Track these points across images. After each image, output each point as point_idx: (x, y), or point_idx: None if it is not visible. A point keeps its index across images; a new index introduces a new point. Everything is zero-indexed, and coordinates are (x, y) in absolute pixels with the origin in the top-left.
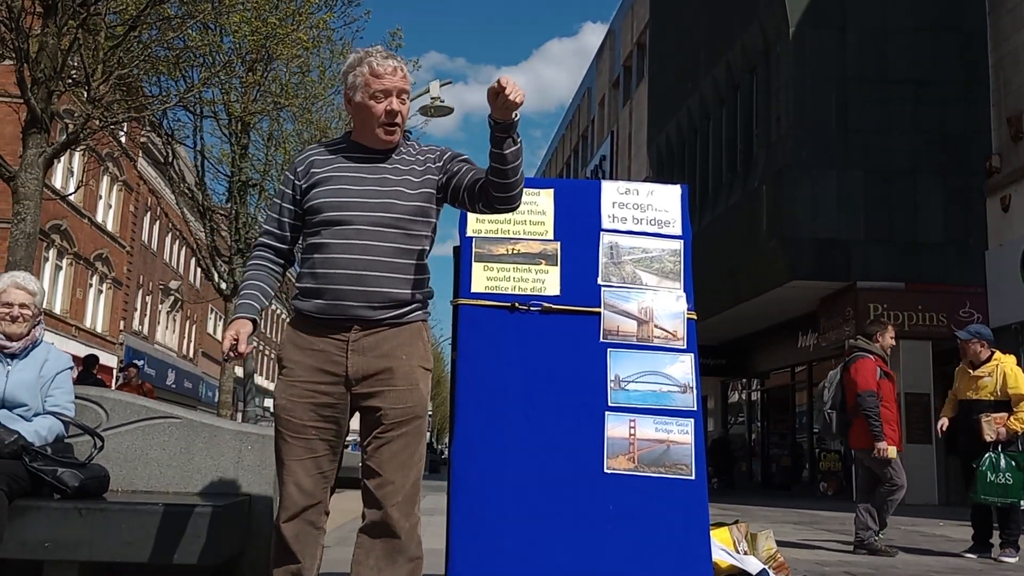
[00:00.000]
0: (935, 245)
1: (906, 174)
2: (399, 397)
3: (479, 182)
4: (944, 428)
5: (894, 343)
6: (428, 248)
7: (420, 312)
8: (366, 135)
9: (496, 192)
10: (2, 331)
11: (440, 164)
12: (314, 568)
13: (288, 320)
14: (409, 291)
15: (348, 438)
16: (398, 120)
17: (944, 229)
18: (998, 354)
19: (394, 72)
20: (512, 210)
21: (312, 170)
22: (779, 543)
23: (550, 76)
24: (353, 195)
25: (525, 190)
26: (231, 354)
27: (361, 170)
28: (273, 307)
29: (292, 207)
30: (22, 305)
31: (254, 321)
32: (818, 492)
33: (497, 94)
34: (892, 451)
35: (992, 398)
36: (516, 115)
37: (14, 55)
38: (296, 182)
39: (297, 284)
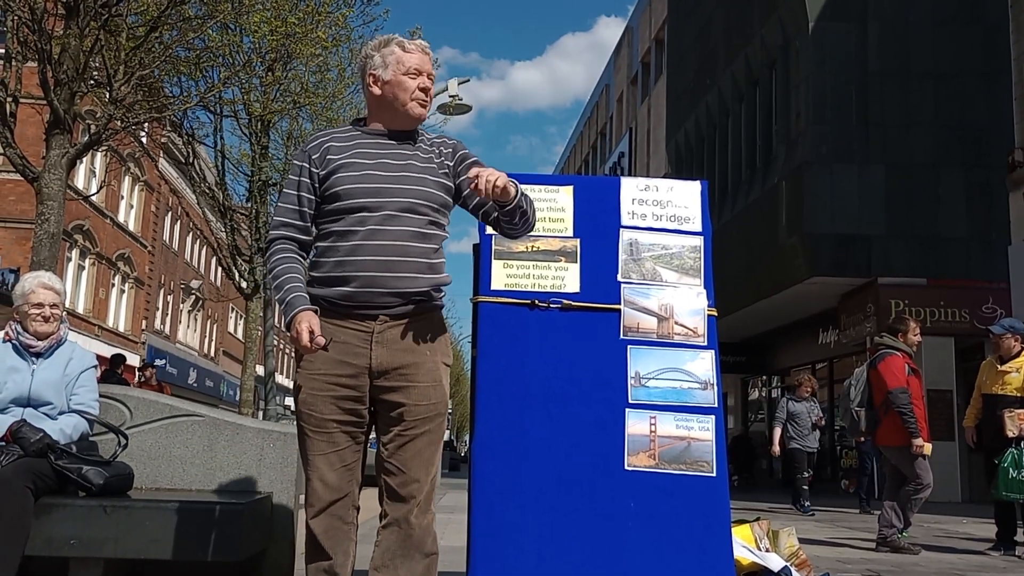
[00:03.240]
0: (957, 240)
1: (927, 168)
2: (423, 394)
3: (488, 213)
4: (974, 439)
5: (919, 339)
6: (446, 236)
7: (439, 301)
8: (394, 114)
9: (507, 232)
10: (34, 331)
11: (453, 164)
12: (348, 565)
13: None
14: (434, 278)
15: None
16: (429, 98)
17: (966, 224)
18: None
19: (424, 53)
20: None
21: (329, 156)
22: (801, 540)
23: (565, 71)
24: (380, 180)
25: (544, 187)
26: (314, 346)
27: (384, 155)
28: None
29: (311, 195)
30: (53, 305)
31: (315, 310)
32: (839, 489)
33: (485, 192)
34: (928, 448)
35: (1018, 394)
36: (514, 191)
37: (37, 57)
38: (312, 169)
39: (314, 272)
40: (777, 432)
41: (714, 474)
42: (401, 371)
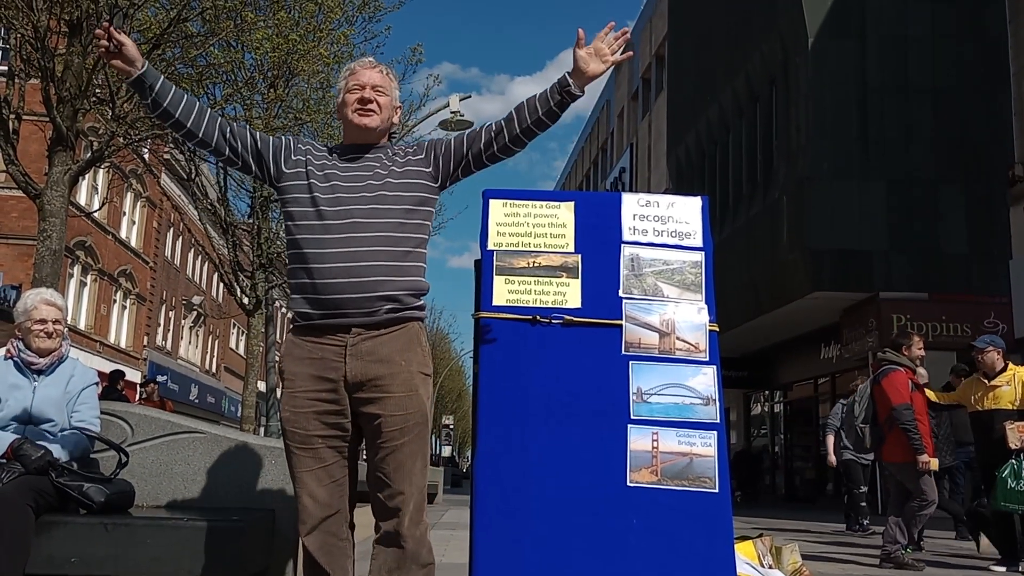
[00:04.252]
0: (958, 255)
1: (928, 183)
2: (398, 404)
3: (492, 140)
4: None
5: (923, 354)
6: (425, 237)
7: (417, 311)
8: (348, 129)
9: (524, 139)
10: (37, 347)
11: (423, 156)
12: None
13: (288, 330)
14: (407, 280)
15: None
16: (371, 106)
17: (967, 239)
18: (1011, 364)
19: (370, 67)
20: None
21: (308, 157)
22: (804, 557)
23: None
24: (345, 190)
25: (545, 203)
26: (104, 38)
27: (351, 168)
28: (290, 316)
29: (266, 145)
30: (55, 321)
31: (148, 71)
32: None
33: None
34: (934, 463)
35: (1012, 407)
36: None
37: (40, 74)
38: (288, 148)
39: (293, 292)
40: (831, 440)
41: (716, 490)
42: (375, 382)
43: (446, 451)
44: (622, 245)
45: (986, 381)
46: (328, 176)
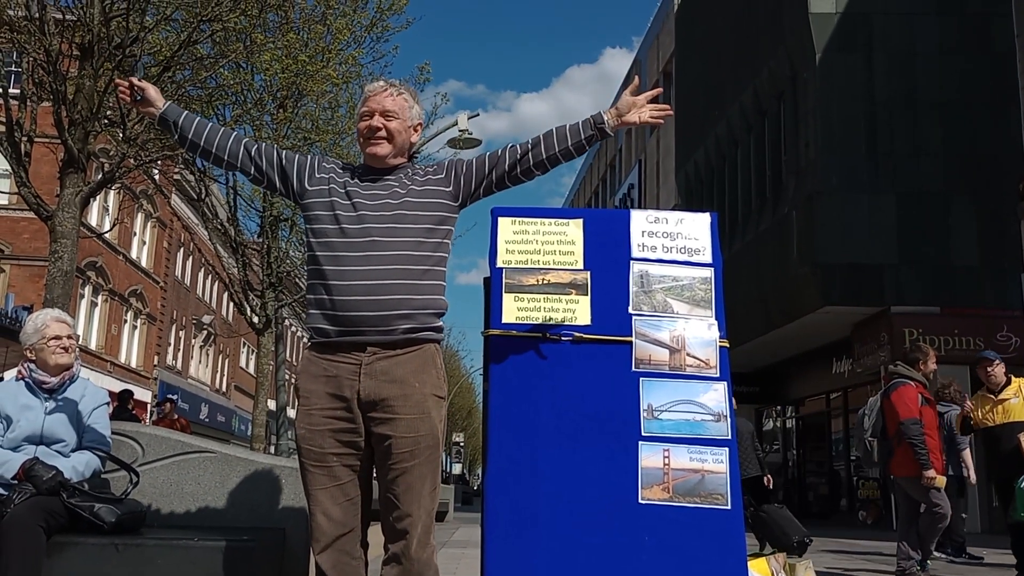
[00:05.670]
0: (969, 268)
1: (938, 197)
2: (409, 426)
3: (516, 163)
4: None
5: (936, 368)
6: (444, 256)
7: (434, 332)
8: (364, 154)
9: (548, 166)
10: (55, 363)
11: (443, 175)
12: None
13: (306, 347)
14: (422, 299)
15: None
16: (379, 135)
17: (978, 252)
18: (1013, 377)
19: (380, 92)
20: None
21: (332, 175)
22: (818, 574)
23: (572, 102)
24: (366, 208)
25: (554, 220)
26: (127, 92)
27: (371, 187)
28: (300, 335)
29: (291, 163)
30: (68, 336)
31: (169, 109)
32: (857, 521)
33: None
34: (940, 480)
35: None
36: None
37: (52, 97)
38: (312, 165)
39: (311, 308)
40: (967, 456)
41: (729, 507)
42: (387, 403)
43: (456, 469)
44: (631, 262)
45: (992, 396)
46: (350, 194)
